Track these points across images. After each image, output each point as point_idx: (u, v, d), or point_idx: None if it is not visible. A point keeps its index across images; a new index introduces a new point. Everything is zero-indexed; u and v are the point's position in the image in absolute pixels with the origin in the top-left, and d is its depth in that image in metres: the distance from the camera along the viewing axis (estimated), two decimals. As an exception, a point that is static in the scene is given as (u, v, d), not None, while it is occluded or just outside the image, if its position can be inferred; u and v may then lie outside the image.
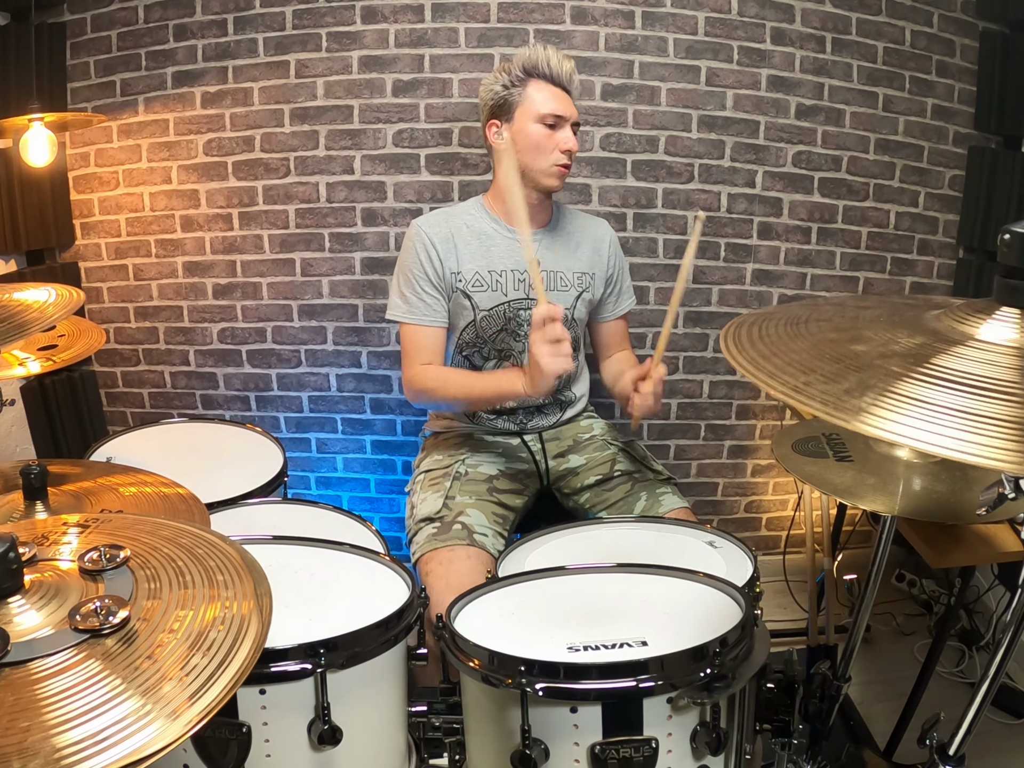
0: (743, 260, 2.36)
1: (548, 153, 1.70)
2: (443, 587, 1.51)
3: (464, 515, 1.66)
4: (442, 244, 1.74)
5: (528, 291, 1.79)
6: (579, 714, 1.01)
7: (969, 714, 1.01)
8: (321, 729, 1.05)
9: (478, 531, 1.64)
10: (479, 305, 1.77)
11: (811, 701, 1.31)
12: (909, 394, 0.69)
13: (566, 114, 1.70)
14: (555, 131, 1.70)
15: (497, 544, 1.66)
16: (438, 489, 1.74)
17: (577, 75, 1.75)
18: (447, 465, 1.80)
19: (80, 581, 0.82)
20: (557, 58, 1.71)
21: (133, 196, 2.35)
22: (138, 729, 0.64)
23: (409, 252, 1.76)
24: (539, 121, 1.70)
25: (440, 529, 1.64)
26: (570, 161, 1.72)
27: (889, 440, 0.66)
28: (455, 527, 1.63)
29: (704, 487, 2.54)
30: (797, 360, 0.81)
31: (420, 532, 1.67)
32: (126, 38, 2.24)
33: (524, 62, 1.71)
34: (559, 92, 1.71)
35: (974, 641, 2.17)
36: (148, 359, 2.49)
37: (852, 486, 1.27)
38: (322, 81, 2.23)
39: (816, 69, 2.24)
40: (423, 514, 1.69)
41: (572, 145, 1.70)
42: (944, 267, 2.41)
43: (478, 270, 1.76)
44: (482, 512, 1.68)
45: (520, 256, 1.78)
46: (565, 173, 1.73)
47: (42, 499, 1.26)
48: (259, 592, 0.84)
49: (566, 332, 1.50)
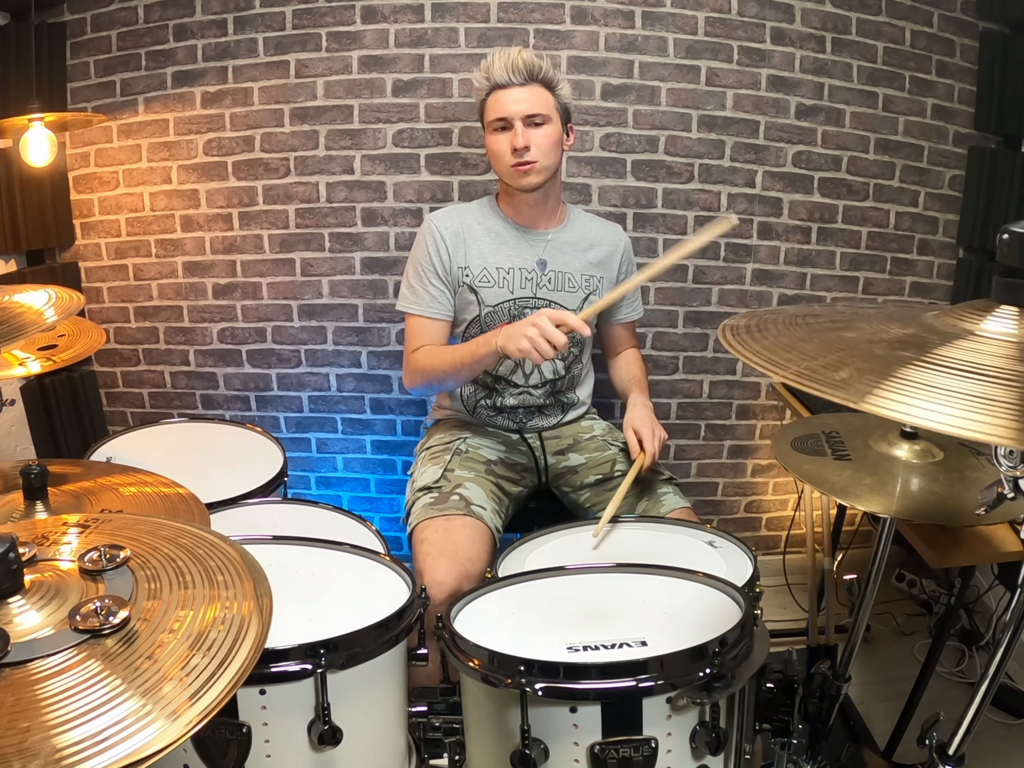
0: (743, 260, 2.36)
1: (502, 157, 1.70)
2: (436, 554, 1.51)
3: (462, 487, 1.67)
4: (452, 238, 1.77)
5: (535, 290, 1.79)
6: (579, 714, 1.01)
7: (969, 714, 1.02)
8: (321, 729, 1.05)
9: (476, 503, 1.64)
10: (485, 301, 1.78)
11: (811, 701, 1.32)
12: (915, 379, 0.74)
13: (507, 114, 1.67)
14: (506, 133, 1.69)
15: (495, 520, 1.66)
16: (438, 462, 1.76)
17: (536, 60, 1.69)
18: (448, 441, 1.82)
19: (80, 581, 0.82)
20: (503, 59, 1.67)
21: (133, 196, 2.35)
22: (138, 729, 0.64)
23: (420, 245, 1.79)
24: (491, 130, 1.71)
25: (437, 499, 1.65)
26: (524, 159, 1.68)
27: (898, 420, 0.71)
28: (453, 497, 1.64)
29: (704, 487, 2.54)
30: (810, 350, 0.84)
31: (417, 502, 1.68)
32: (126, 38, 2.24)
33: (481, 79, 1.71)
34: (512, 92, 1.68)
35: (974, 641, 2.17)
36: (148, 359, 2.49)
37: (850, 485, 1.26)
38: (322, 81, 2.23)
39: (816, 69, 2.24)
40: (421, 484, 1.71)
41: (518, 142, 1.66)
42: (944, 267, 2.41)
43: (486, 266, 1.78)
44: (480, 488, 1.69)
45: (529, 256, 1.80)
46: (526, 170, 1.69)
47: (42, 499, 1.26)
48: (259, 592, 0.84)
49: (566, 346, 1.49)
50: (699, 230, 1.54)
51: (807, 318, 0.97)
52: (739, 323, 0.96)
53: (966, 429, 0.67)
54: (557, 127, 1.72)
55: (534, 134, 1.68)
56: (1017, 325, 0.81)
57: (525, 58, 1.68)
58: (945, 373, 0.74)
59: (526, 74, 1.68)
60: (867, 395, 0.72)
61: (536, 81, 1.69)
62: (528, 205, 1.78)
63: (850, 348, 0.84)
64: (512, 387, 1.83)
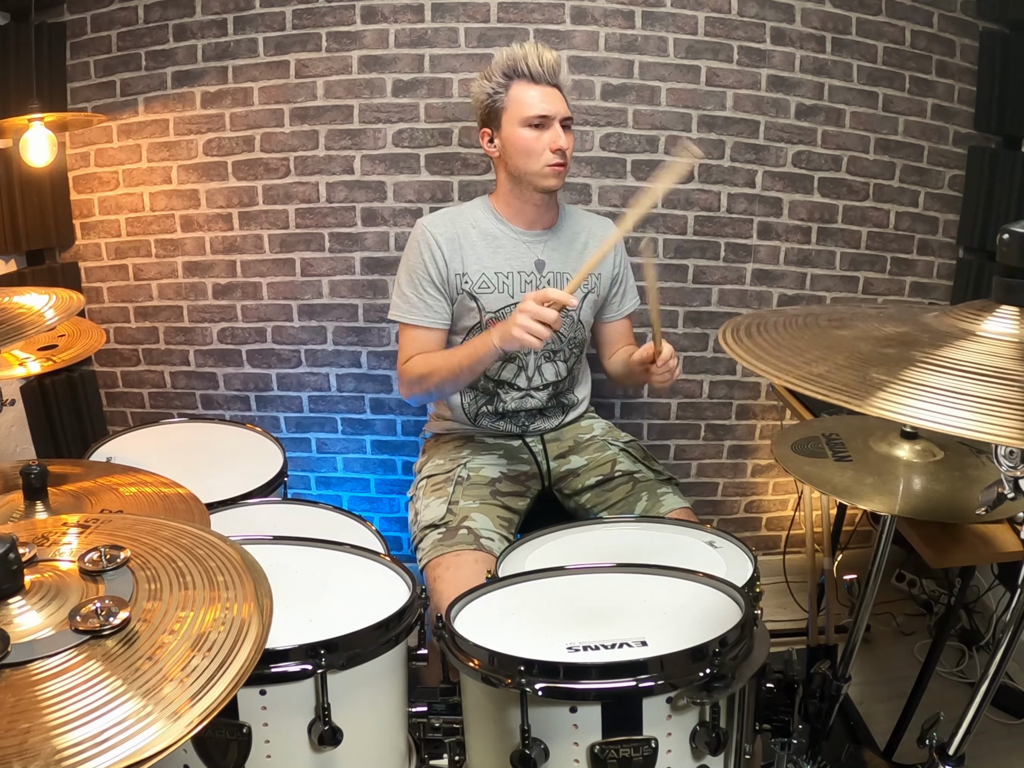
0: (743, 260, 2.36)
1: (539, 155, 1.66)
2: (452, 592, 1.49)
3: (469, 519, 1.65)
4: (448, 244, 1.73)
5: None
6: (579, 714, 1.01)
7: (969, 714, 1.02)
8: (321, 730, 1.05)
9: (484, 535, 1.62)
10: (486, 307, 1.76)
11: (811, 701, 1.32)
12: (918, 381, 0.74)
13: (551, 112, 1.65)
14: (543, 131, 1.66)
15: (503, 547, 1.64)
16: (441, 494, 1.73)
17: (564, 66, 1.70)
18: (449, 470, 1.79)
19: (80, 582, 0.82)
20: (536, 54, 1.65)
21: (133, 196, 2.35)
22: (139, 730, 0.64)
23: (413, 251, 1.75)
24: (525, 125, 1.66)
25: (445, 535, 1.63)
26: (563, 160, 1.67)
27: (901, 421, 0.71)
28: (460, 532, 1.62)
29: (704, 487, 2.53)
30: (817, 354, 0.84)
31: (426, 539, 1.66)
32: (126, 38, 2.24)
33: (503, 65, 1.67)
34: (544, 89, 1.66)
35: (974, 641, 2.17)
36: (148, 359, 2.49)
37: (851, 486, 1.27)
38: (322, 81, 2.23)
39: (816, 69, 2.24)
40: (428, 520, 1.68)
41: (563, 143, 1.65)
42: (944, 267, 2.41)
43: (484, 272, 1.75)
44: (487, 516, 1.67)
45: (526, 258, 1.78)
46: (561, 171, 1.68)
47: (42, 499, 1.26)
48: (259, 593, 0.84)
49: (558, 321, 1.46)
50: (661, 170, 1.51)
51: (807, 318, 0.97)
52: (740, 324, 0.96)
53: (968, 430, 0.67)
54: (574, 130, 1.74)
55: (567, 137, 1.68)
56: (1017, 325, 0.81)
57: (554, 57, 1.67)
58: (945, 374, 0.75)
59: (555, 73, 1.67)
60: (869, 398, 0.72)
61: (557, 83, 1.69)
62: (534, 206, 1.76)
63: (850, 350, 0.84)
64: (515, 391, 1.82)
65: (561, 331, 1.76)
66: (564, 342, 1.82)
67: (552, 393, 1.85)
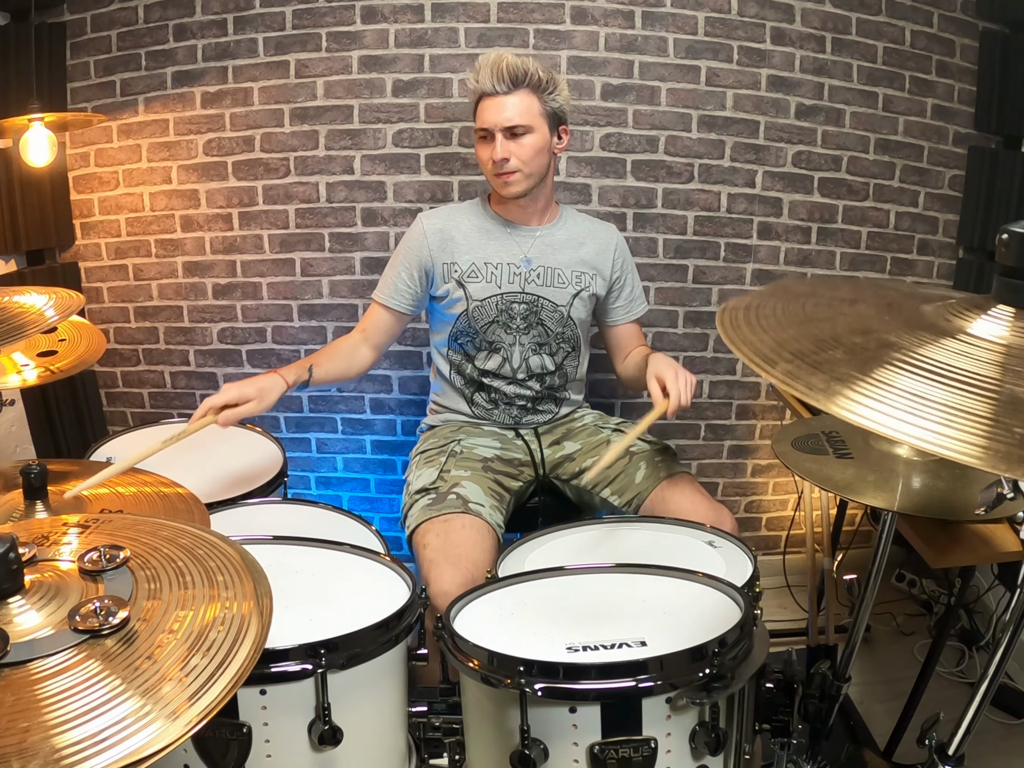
0: (743, 260, 2.36)
1: (486, 166, 1.72)
2: (439, 560, 1.50)
3: (459, 486, 1.66)
4: (437, 235, 1.79)
5: (523, 285, 1.80)
6: (578, 714, 1.01)
7: (969, 714, 1.02)
8: (321, 729, 1.05)
9: (474, 500, 1.63)
10: (472, 295, 1.79)
11: (811, 701, 1.32)
12: (889, 382, 0.70)
13: (489, 124, 1.67)
14: (488, 143, 1.69)
15: (495, 516, 1.65)
16: (433, 464, 1.75)
17: (522, 65, 1.65)
18: (442, 445, 1.81)
19: (80, 581, 0.82)
20: (488, 68, 1.65)
21: (133, 196, 2.35)
22: (138, 730, 0.64)
23: (406, 239, 1.84)
24: (478, 139, 1.73)
25: (435, 500, 1.64)
26: (502, 169, 1.67)
27: (861, 426, 0.66)
28: (450, 497, 1.63)
29: (704, 487, 2.52)
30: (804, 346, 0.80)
31: (415, 505, 1.67)
32: (126, 38, 2.24)
33: (472, 83, 1.70)
34: (494, 101, 1.66)
35: (974, 641, 2.17)
36: (148, 359, 2.48)
37: (852, 482, 1.27)
38: (322, 81, 2.23)
39: (816, 69, 2.24)
40: (417, 486, 1.70)
41: (496, 154, 1.66)
42: (944, 267, 2.41)
43: (475, 261, 1.79)
44: (478, 485, 1.68)
45: (516, 252, 1.81)
46: (509, 179, 1.69)
47: (42, 499, 1.27)
48: (259, 592, 0.84)
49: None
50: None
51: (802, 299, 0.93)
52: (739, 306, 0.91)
53: (922, 440, 0.63)
54: (542, 134, 1.70)
55: (515, 145, 1.67)
56: (1009, 328, 0.78)
57: (510, 64, 1.64)
58: (922, 379, 0.70)
59: (510, 82, 1.65)
60: (836, 396, 0.69)
61: (522, 87, 1.67)
62: (518, 206, 1.80)
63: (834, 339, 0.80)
64: (503, 380, 1.84)
65: (548, 325, 1.82)
66: (551, 336, 1.84)
67: (543, 385, 1.86)
